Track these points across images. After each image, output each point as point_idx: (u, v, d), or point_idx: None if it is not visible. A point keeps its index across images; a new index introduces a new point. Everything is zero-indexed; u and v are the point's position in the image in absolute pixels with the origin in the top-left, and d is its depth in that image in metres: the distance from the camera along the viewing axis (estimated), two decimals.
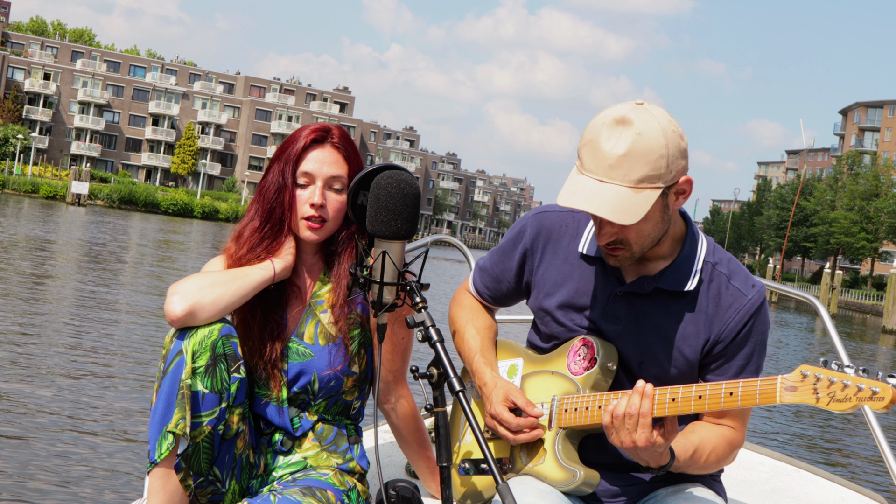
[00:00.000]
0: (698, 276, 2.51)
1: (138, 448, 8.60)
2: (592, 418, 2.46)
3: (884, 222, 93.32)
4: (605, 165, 2.29)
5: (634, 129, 2.29)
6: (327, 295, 2.70)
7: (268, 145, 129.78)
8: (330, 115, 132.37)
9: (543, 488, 2.49)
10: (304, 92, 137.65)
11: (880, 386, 2.04)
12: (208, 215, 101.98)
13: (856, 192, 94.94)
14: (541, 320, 2.69)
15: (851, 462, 13.40)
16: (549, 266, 2.66)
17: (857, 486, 3.87)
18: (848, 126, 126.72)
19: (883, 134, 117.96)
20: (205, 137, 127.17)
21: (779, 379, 2.19)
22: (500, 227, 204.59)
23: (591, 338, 2.55)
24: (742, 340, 2.50)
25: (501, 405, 2.56)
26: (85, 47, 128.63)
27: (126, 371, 12.14)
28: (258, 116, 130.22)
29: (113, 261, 28.89)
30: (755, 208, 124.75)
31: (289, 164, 2.65)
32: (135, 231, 52.06)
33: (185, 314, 2.48)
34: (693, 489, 2.58)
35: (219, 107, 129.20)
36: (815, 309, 3.98)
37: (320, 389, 2.67)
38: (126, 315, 17.28)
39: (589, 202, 2.29)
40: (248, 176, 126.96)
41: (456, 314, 2.88)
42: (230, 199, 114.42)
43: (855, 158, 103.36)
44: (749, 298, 2.50)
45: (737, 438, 2.54)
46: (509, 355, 2.77)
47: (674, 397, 2.31)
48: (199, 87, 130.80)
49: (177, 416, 2.43)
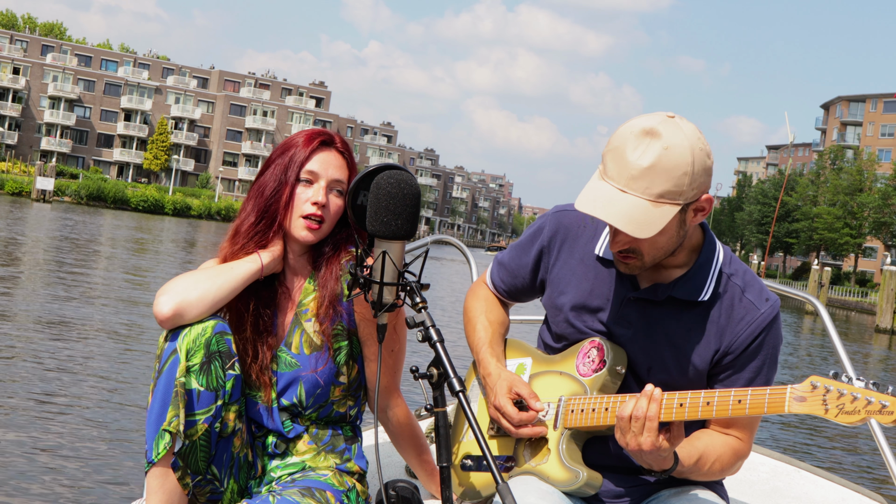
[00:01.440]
0: (713, 286, 2.52)
1: (138, 448, 8.64)
2: (599, 420, 2.48)
3: (868, 217, 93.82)
4: (627, 175, 2.30)
5: (662, 142, 2.29)
6: (311, 303, 2.72)
7: (242, 140, 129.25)
8: (306, 109, 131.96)
9: (545, 488, 2.51)
10: (279, 87, 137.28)
11: (889, 400, 2.06)
12: (180, 212, 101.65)
13: (839, 187, 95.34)
14: (553, 318, 2.71)
15: (851, 462, 13.46)
16: (565, 265, 2.68)
17: (857, 486, 3.89)
18: (830, 120, 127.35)
19: (865, 128, 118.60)
20: (178, 133, 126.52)
21: (788, 389, 2.20)
22: (479, 223, 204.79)
23: (601, 340, 2.57)
24: (752, 353, 2.52)
25: (505, 397, 2.59)
26: (55, 41, 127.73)
27: (126, 371, 12.22)
28: (233, 111, 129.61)
29: (42, 259, 28.48)
30: (735, 204, 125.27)
31: (293, 163, 2.68)
32: (97, 227, 51.38)
33: (172, 313, 2.52)
34: (695, 491, 2.60)
35: (192, 102, 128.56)
36: (815, 310, 3.99)
37: (308, 398, 2.69)
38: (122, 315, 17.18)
39: (606, 211, 2.31)
40: (222, 172, 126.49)
41: (470, 305, 2.92)
42: (203, 195, 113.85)
43: (837, 153, 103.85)
44: (762, 312, 2.52)
45: (743, 449, 2.56)
46: (519, 354, 2.81)
47: (682, 402, 2.33)
48: (173, 81, 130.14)
49: (171, 414, 2.45)
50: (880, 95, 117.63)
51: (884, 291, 56.85)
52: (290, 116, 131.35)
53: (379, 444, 2.69)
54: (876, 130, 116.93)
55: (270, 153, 2.76)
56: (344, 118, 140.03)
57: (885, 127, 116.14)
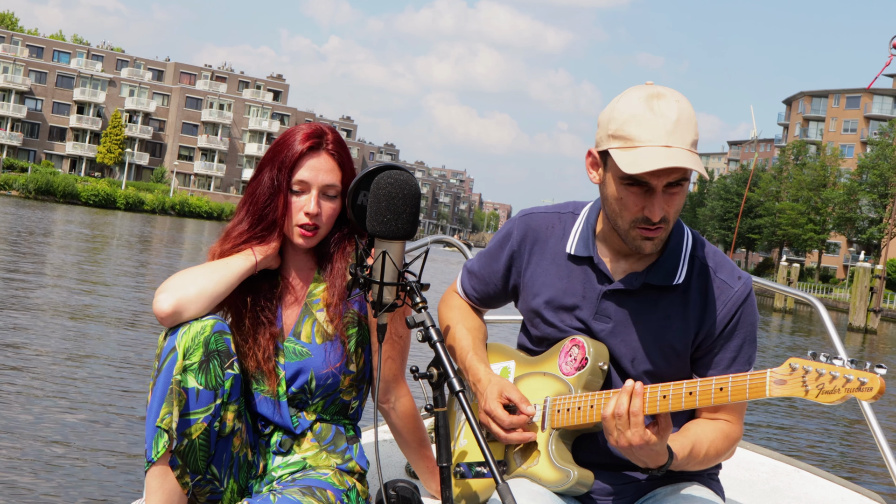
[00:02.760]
0: (685, 269, 2.58)
1: (137, 448, 8.65)
2: (585, 418, 2.51)
3: (832, 213, 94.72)
4: (664, 133, 2.37)
5: (673, 97, 2.41)
6: (323, 294, 2.76)
7: (198, 134, 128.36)
8: (263, 103, 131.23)
9: (537, 489, 2.53)
10: (236, 79, 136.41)
11: (868, 376, 2.08)
12: (132, 206, 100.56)
13: (803, 183, 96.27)
14: (531, 322, 2.74)
15: (851, 462, 13.54)
16: (537, 267, 2.72)
17: (856, 486, 3.93)
18: (792, 116, 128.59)
19: (828, 124, 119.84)
20: (132, 126, 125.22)
21: (768, 373, 2.24)
22: (440, 218, 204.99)
23: (581, 338, 2.61)
24: (730, 332, 2.57)
25: (496, 401, 2.60)
26: (6, 31, 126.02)
27: (124, 370, 12.17)
28: (188, 104, 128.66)
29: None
30: (697, 200, 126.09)
31: (283, 170, 2.69)
32: (37, 222, 50.06)
33: (172, 310, 2.55)
34: (691, 488, 2.63)
35: (147, 94, 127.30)
36: (815, 309, 4.02)
37: (318, 388, 2.72)
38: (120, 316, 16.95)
39: (675, 159, 2.34)
40: (177, 166, 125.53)
41: (445, 315, 2.94)
42: (157, 189, 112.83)
43: (800, 148, 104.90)
44: (735, 290, 2.57)
45: (734, 431, 2.59)
46: (501, 358, 2.83)
47: (665, 394, 2.37)
48: (127, 73, 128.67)
49: (164, 411, 2.49)
50: (843, 91, 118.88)
51: (857, 289, 56.12)
52: (247, 110, 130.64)
53: (379, 445, 2.71)
54: (838, 126, 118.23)
55: (264, 154, 2.77)
56: (302, 111, 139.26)
57: (848, 122, 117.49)
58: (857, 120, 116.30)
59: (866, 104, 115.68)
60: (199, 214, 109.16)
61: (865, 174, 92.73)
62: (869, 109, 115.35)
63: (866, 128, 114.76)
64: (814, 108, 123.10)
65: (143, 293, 21.43)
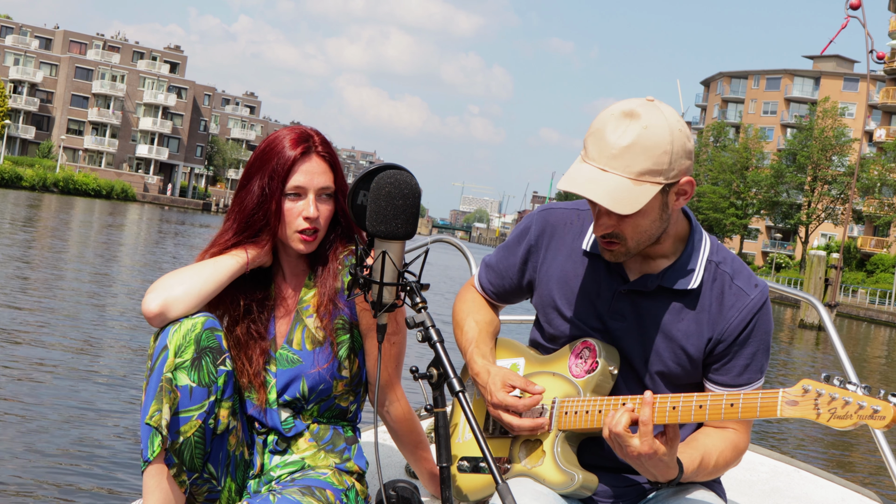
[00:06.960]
0: (701, 274, 2.62)
1: (137, 448, 8.46)
2: (592, 422, 2.55)
3: (755, 197, 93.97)
4: (608, 155, 2.42)
5: (641, 122, 2.41)
6: (313, 299, 2.83)
7: (89, 107, 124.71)
8: (160, 75, 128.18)
9: (540, 490, 2.58)
10: (130, 50, 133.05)
11: (882, 405, 2.13)
12: (8, 183, 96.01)
13: (724, 165, 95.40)
14: (545, 317, 2.79)
15: (851, 462, 13.74)
16: (553, 263, 2.77)
17: (857, 487, 4.00)
18: (711, 97, 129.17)
19: (747, 105, 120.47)
20: (17, 97, 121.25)
21: (780, 392, 2.30)
22: None
23: (593, 341, 2.65)
24: (744, 340, 2.61)
25: (502, 392, 2.64)
26: None
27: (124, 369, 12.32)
28: (78, 75, 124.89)
29: None
30: None
31: (276, 178, 2.73)
32: None
33: (159, 310, 2.62)
34: (693, 491, 2.67)
35: (34, 63, 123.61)
36: (817, 312, 3.97)
37: (311, 393, 2.79)
38: None
39: (587, 188, 2.42)
40: (64, 140, 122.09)
41: (458, 308, 3.01)
42: (38, 164, 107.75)
43: (720, 130, 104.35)
44: (752, 298, 2.61)
45: (742, 441, 2.66)
46: (511, 354, 2.88)
47: (674, 405, 2.42)
48: (12, 41, 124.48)
49: (153, 408, 2.55)
50: (763, 72, 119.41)
51: (810, 280, 48.77)
52: (141, 82, 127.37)
53: (379, 445, 2.81)
54: (758, 108, 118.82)
55: (248, 160, 2.80)
56: (202, 85, 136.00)
57: (768, 104, 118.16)
58: (778, 102, 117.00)
59: (787, 86, 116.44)
60: (86, 192, 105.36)
61: (792, 157, 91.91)
62: (790, 91, 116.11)
63: (786, 110, 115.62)
64: (733, 89, 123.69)
65: None
